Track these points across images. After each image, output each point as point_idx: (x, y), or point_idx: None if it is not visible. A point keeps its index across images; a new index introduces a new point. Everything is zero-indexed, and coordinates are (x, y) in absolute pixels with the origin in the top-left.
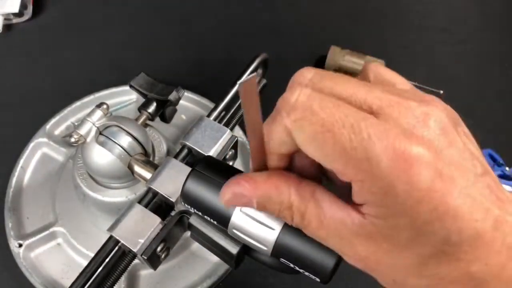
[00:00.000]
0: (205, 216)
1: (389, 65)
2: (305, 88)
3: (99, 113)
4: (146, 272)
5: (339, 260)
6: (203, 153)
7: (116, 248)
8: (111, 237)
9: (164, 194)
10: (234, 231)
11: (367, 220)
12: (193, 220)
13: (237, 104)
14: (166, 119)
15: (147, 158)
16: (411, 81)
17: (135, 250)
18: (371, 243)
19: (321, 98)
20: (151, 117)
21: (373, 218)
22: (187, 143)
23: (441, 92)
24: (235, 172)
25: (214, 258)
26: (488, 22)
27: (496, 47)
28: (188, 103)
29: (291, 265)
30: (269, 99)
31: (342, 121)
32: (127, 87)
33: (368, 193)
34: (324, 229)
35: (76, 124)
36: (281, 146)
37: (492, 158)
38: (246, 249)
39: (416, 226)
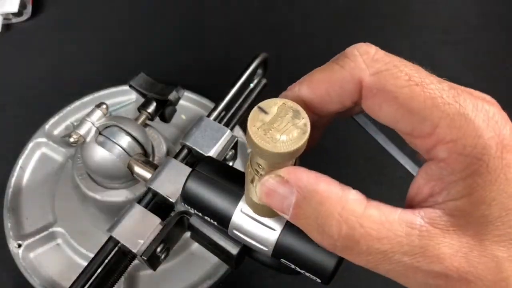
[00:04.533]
0: (205, 217)
1: None
2: (379, 49)
3: (98, 113)
4: (145, 273)
5: (340, 260)
6: (203, 153)
7: (116, 248)
8: (110, 237)
9: (164, 195)
10: (235, 231)
11: (443, 209)
12: (193, 221)
13: (237, 104)
14: (166, 119)
15: (147, 158)
16: None
17: (135, 250)
18: (453, 238)
19: (399, 58)
20: (151, 117)
21: (452, 202)
22: (187, 143)
23: None
24: (235, 172)
25: (214, 259)
26: (488, 22)
27: (496, 47)
28: (188, 103)
29: (292, 266)
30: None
31: (429, 78)
32: (126, 87)
33: (459, 157)
34: (387, 238)
35: (75, 124)
36: (340, 100)
37: None
38: (246, 250)
39: (505, 198)
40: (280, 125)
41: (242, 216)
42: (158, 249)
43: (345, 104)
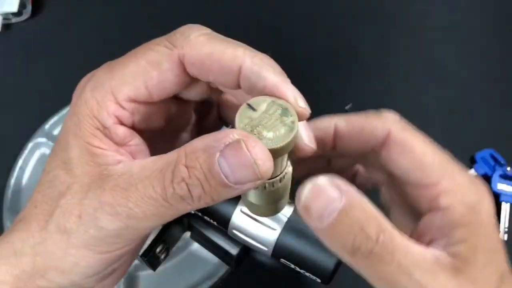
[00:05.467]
0: (205, 217)
1: (389, 65)
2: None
3: None
4: (145, 273)
5: (340, 261)
6: None
7: None
8: None
9: None
10: (234, 231)
11: (444, 251)
12: (193, 221)
13: None
14: None
15: None
16: (411, 80)
17: None
18: (451, 277)
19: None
20: None
21: (452, 247)
22: None
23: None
24: None
25: (214, 259)
26: (488, 22)
27: (496, 47)
28: None
29: (292, 266)
30: None
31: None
32: None
33: (458, 207)
34: (400, 266)
35: None
36: (365, 141)
37: (493, 158)
38: (246, 250)
39: (491, 245)
40: (268, 122)
41: (241, 216)
42: (158, 249)
43: (367, 144)
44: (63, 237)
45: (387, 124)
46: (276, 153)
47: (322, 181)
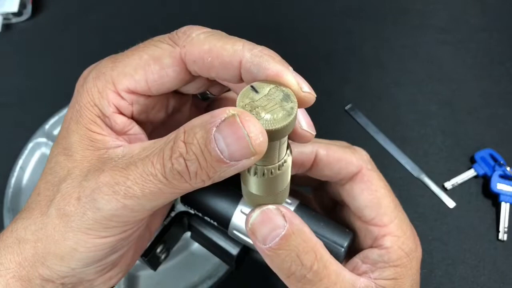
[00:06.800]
0: (205, 217)
1: (389, 65)
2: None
3: None
4: (146, 273)
5: (340, 261)
6: None
7: None
8: None
9: None
10: (235, 232)
11: (373, 282)
12: (194, 221)
13: None
14: None
15: None
16: (414, 83)
17: None
18: None
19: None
20: None
21: (382, 281)
22: None
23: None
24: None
25: (215, 259)
26: (488, 22)
27: (496, 47)
28: None
29: None
30: None
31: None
32: None
33: (397, 250)
34: (340, 285)
35: None
36: (336, 172)
37: (493, 158)
38: (246, 250)
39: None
40: (268, 105)
41: (242, 217)
42: (158, 250)
43: (339, 175)
44: (62, 221)
45: (361, 161)
46: (271, 135)
47: (271, 208)
